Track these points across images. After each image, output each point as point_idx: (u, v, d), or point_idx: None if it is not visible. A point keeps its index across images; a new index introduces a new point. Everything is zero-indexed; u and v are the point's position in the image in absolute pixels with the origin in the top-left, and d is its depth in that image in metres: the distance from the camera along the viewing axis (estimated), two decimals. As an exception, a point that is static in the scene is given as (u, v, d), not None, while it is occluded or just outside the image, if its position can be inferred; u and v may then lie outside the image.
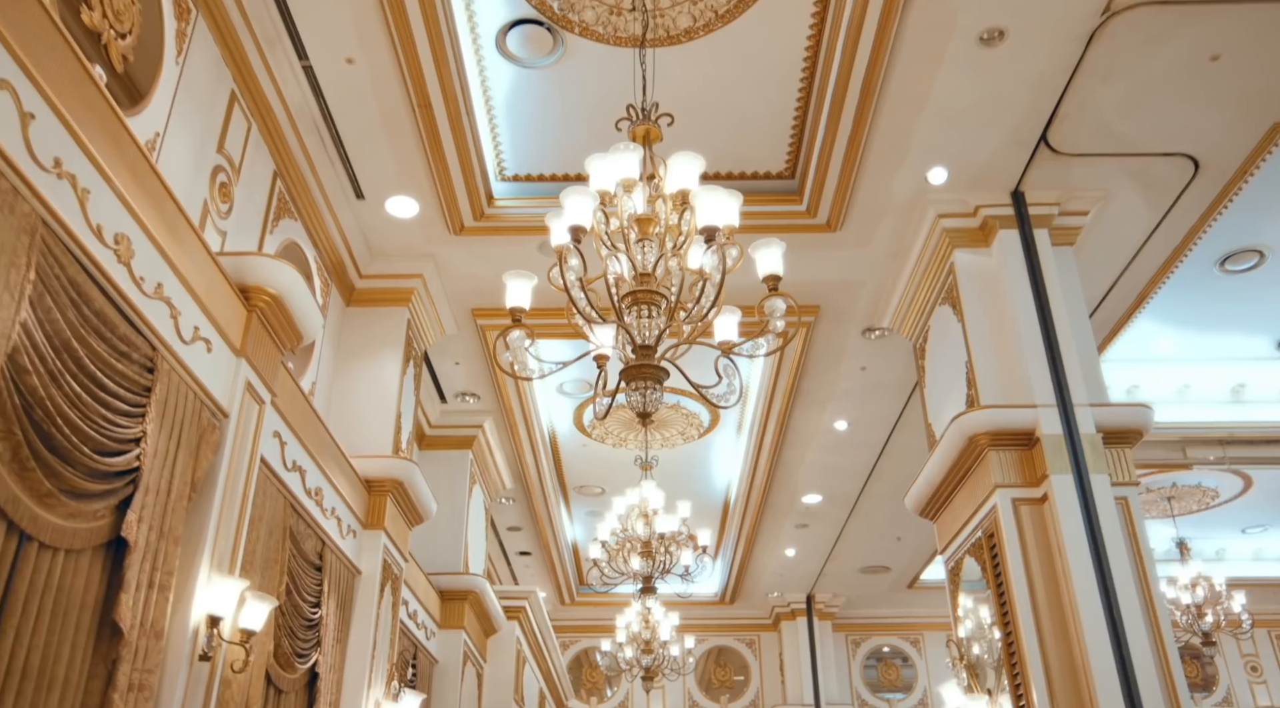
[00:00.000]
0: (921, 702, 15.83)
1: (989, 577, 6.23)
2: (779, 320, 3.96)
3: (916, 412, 9.74)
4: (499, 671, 10.17)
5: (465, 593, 9.09)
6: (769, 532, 12.90)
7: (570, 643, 16.29)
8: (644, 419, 3.98)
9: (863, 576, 14.71)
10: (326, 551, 5.93)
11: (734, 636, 16.34)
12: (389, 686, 6.53)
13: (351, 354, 7.27)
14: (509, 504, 12.12)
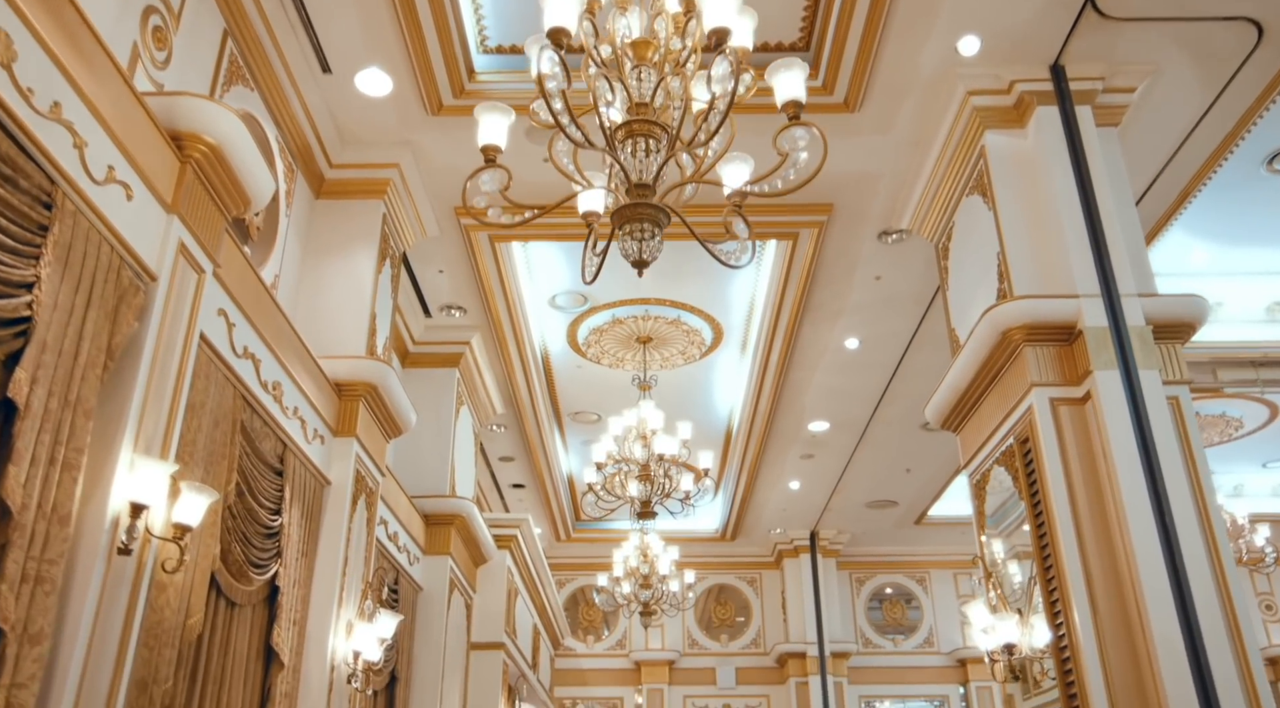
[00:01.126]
0: (927, 640, 15.41)
1: (1022, 487, 5.64)
2: (801, 152, 3.29)
3: (932, 328, 9.14)
4: (489, 602, 9.66)
5: (451, 517, 8.54)
6: (773, 463, 12.35)
7: (566, 581, 15.84)
8: (640, 269, 3.34)
9: (869, 511, 14.20)
10: (289, 454, 5.33)
11: (735, 573, 15.88)
12: (362, 605, 5.98)
13: (321, 251, 6.62)
14: (500, 432, 11.54)
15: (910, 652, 15.34)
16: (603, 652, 15.42)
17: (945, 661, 15.21)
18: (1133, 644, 4.91)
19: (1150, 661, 4.76)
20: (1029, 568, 5.92)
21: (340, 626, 5.71)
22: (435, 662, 8.08)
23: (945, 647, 15.30)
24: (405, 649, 7.76)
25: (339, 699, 5.66)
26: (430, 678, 8.01)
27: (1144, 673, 4.81)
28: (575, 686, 15.15)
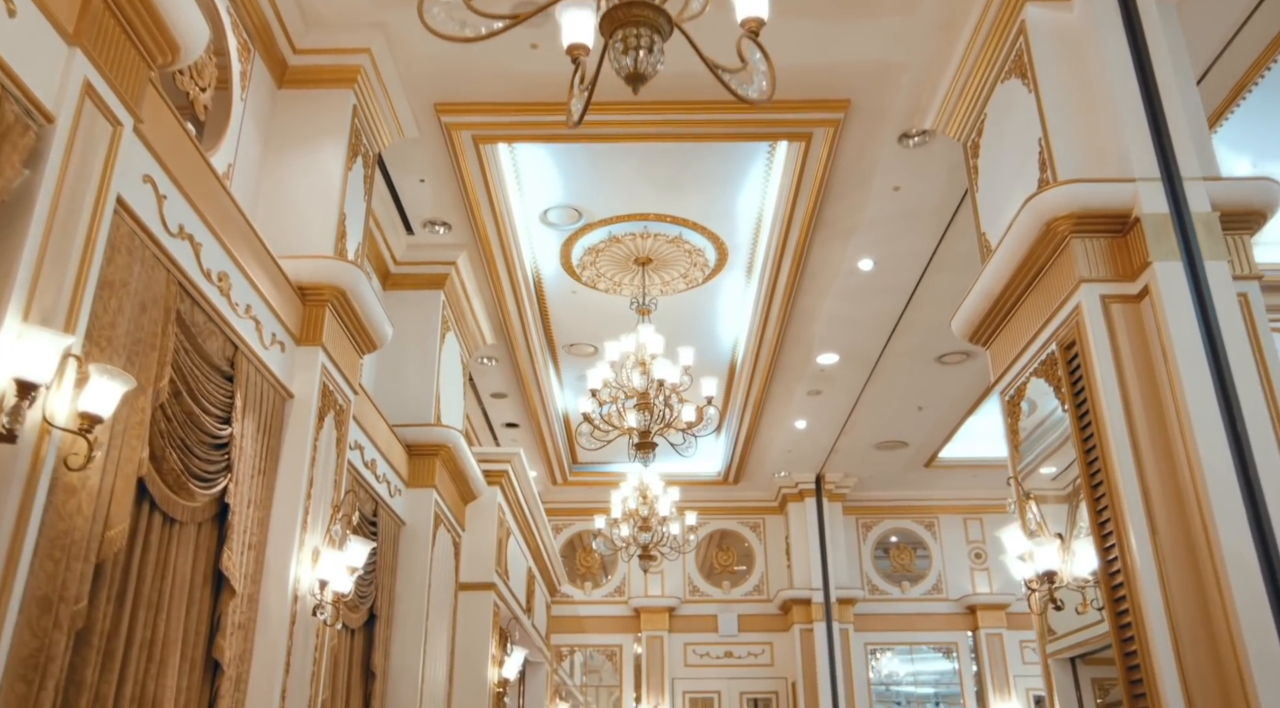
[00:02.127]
0: (936, 587, 14.93)
1: (1065, 396, 5.03)
2: None
3: (952, 248, 8.50)
4: (479, 540, 9.11)
5: (436, 448, 7.95)
6: (779, 400, 11.75)
7: (563, 526, 15.33)
8: (635, 85, 2.69)
9: (877, 452, 13.63)
10: (241, 358, 4.71)
11: (737, 519, 15.37)
12: (330, 531, 5.39)
13: (284, 145, 5.95)
14: (491, 365, 10.94)
15: (918, 599, 14.87)
16: (601, 599, 14.95)
17: (954, 608, 14.74)
18: (1197, 567, 4.32)
19: (1219, 584, 4.18)
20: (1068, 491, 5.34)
21: (304, 552, 5.13)
22: (419, 600, 7.54)
23: (954, 593, 14.82)
24: (386, 587, 7.21)
25: (304, 633, 5.10)
26: (413, 617, 7.48)
27: (1211, 599, 4.23)
28: (572, 633, 14.70)
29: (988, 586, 14.82)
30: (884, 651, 14.65)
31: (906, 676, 14.67)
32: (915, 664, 14.68)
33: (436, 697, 7.91)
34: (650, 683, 14.16)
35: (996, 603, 14.51)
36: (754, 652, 14.57)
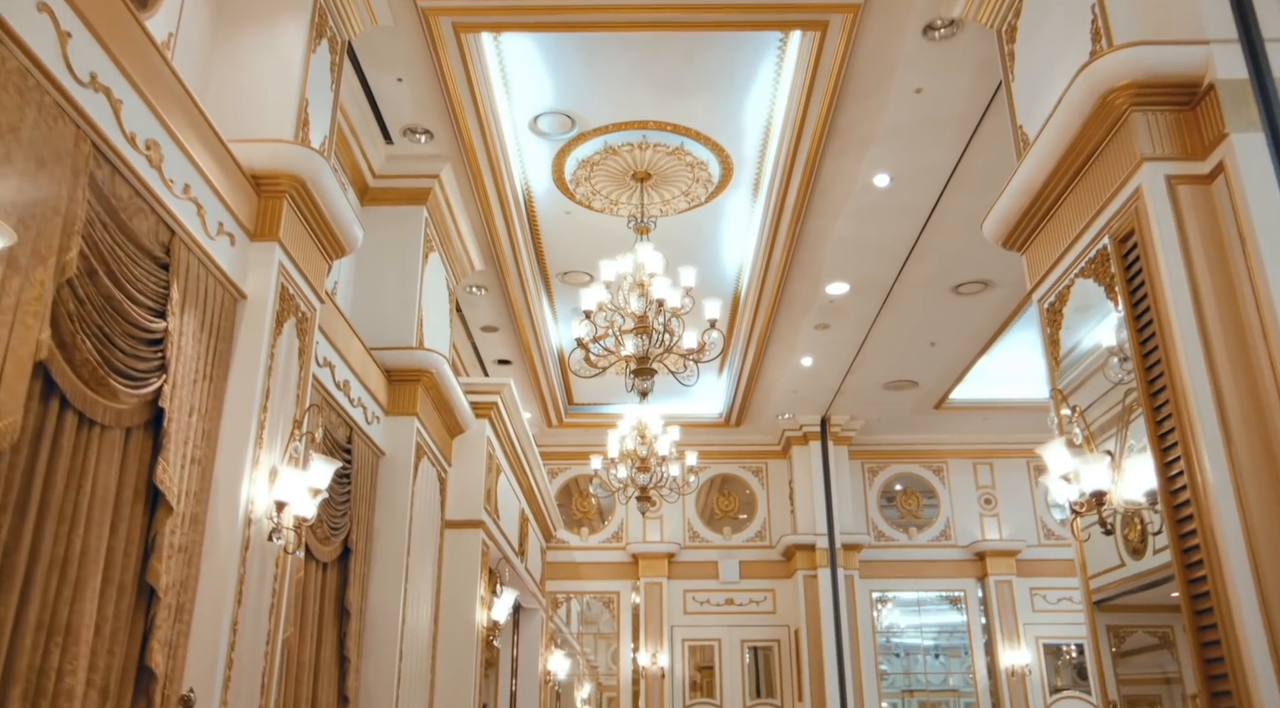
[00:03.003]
0: (944, 533, 14.44)
1: (1120, 295, 4.43)
2: None
3: (975, 164, 7.88)
4: (467, 476, 8.56)
5: (417, 373, 7.37)
6: (784, 335, 11.16)
7: (559, 471, 14.80)
8: None
9: (886, 393, 13.06)
10: (179, 244, 4.10)
11: (739, 463, 14.84)
12: (289, 448, 4.82)
13: (238, 22, 5.29)
14: (481, 296, 10.32)
15: (925, 545, 14.39)
16: (598, 545, 14.46)
17: (962, 554, 14.27)
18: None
19: (1308, 499, 3.61)
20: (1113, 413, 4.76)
21: (260, 471, 4.56)
22: (399, 536, 7.00)
23: (963, 540, 14.34)
24: (363, 520, 6.66)
25: (260, 560, 4.54)
26: (393, 554, 6.94)
27: (1296, 517, 3.67)
28: (568, 579, 14.24)
29: (997, 532, 14.34)
30: (890, 603, 14.19)
31: (909, 628, 14.22)
32: (922, 617, 14.22)
33: (420, 638, 7.40)
34: (648, 631, 13.73)
35: (1006, 549, 14.03)
36: (755, 599, 14.12)
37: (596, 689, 13.90)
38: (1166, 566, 4.24)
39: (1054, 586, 14.08)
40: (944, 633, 14.14)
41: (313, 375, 5.60)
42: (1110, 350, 4.76)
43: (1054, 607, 14.00)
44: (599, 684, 13.91)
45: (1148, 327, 4.24)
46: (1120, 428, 4.64)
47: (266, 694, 4.61)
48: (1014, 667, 13.48)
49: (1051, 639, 13.96)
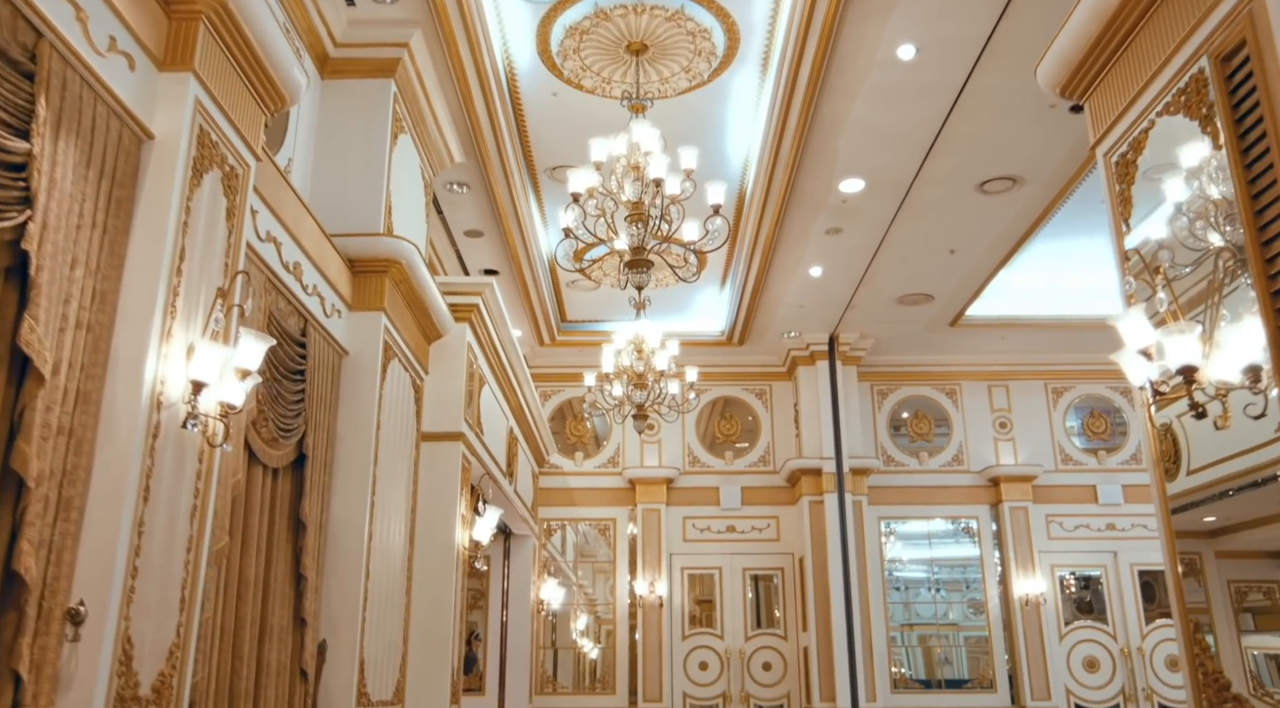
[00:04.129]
0: (956, 458, 13.75)
1: (1224, 127, 3.60)
2: None
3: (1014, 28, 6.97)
4: (445, 385, 7.79)
5: (384, 263, 6.55)
6: (793, 240, 10.32)
7: (552, 393, 14.06)
8: None
9: (899, 308, 12.26)
10: (47, 49, 3.26)
11: (741, 385, 14.09)
12: (209, 320, 4.02)
13: None
14: (463, 194, 9.46)
15: (937, 470, 13.70)
16: (593, 470, 13.77)
17: (976, 480, 13.59)
18: None
19: None
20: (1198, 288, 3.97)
21: (171, 346, 3.77)
22: (364, 443, 6.25)
23: (976, 465, 13.65)
24: (322, 424, 5.90)
25: (173, 452, 3.78)
26: (358, 463, 6.20)
27: None
28: (562, 506, 13.58)
29: (1013, 457, 13.65)
30: (893, 535, 13.54)
31: (912, 562, 13.56)
32: (924, 550, 13.56)
33: (392, 558, 6.70)
34: (646, 559, 13.10)
35: (1022, 475, 13.35)
36: (758, 526, 13.48)
37: (594, 622, 13.30)
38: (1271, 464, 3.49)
39: (1071, 513, 13.44)
40: (944, 567, 13.50)
41: (250, 247, 4.79)
42: (1196, 210, 3.94)
43: (1071, 534, 13.37)
44: (597, 618, 13.32)
45: (1260, 160, 3.42)
46: (1211, 300, 3.84)
47: (188, 611, 3.88)
48: (1028, 596, 12.87)
49: (1067, 568, 13.35)
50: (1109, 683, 12.82)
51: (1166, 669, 12.80)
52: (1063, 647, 12.97)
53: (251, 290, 4.78)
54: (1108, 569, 13.26)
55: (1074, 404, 14.01)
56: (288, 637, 5.48)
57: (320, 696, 5.74)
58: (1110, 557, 13.28)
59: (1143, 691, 12.70)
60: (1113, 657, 12.92)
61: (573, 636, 13.48)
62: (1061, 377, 14.02)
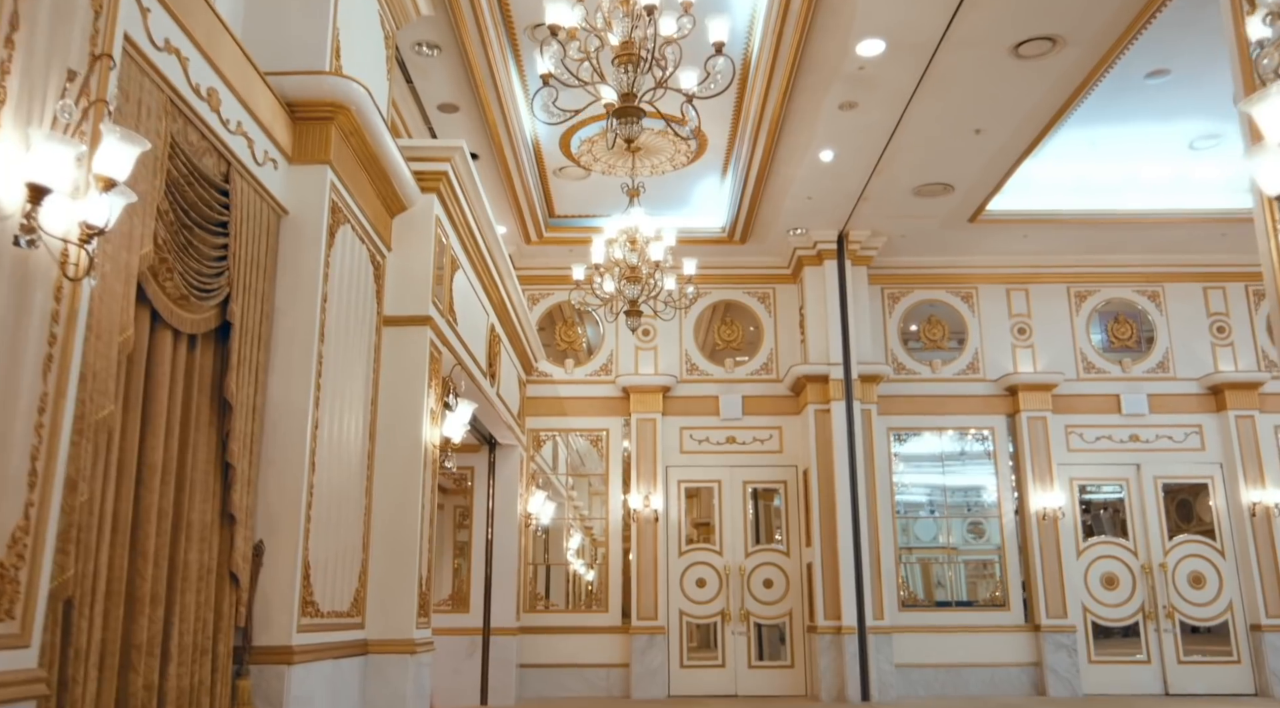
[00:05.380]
0: (971, 366, 12.90)
1: None
2: None
3: None
4: (410, 263, 6.88)
5: (329, 107, 5.58)
6: (802, 116, 9.32)
7: (541, 296, 13.16)
8: None
9: (916, 201, 11.29)
10: None
11: (744, 288, 13.17)
12: (57, 114, 3.08)
13: None
14: (433, 59, 8.43)
15: (951, 378, 12.86)
16: (585, 378, 12.93)
17: (992, 389, 12.76)
18: None
19: None
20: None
21: None
22: (307, 317, 5.36)
23: (992, 373, 12.81)
24: (254, 290, 5.00)
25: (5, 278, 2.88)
26: (300, 339, 5.31)
27: None
28: (552, 416, 12.76)
29: (1031, 365, 12.81)
30: (900, 460, 12.74)
31: (914, 486, 12.77)
32: (940, 474, 12.74)
33: (347, 452, 5.86)
34: (640, 471, 12.33)
35: (1041, 383, 12.52)
36: (760, 437, 12.68)
37: (590, 544, 12.58)
38: None
39: (1092, 423, 12.64)
40: (947, 491, 12.71)
41: (137, 48, 3.83)
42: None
43: (1091, 446, 12.59)
44: (592, 540, 12.59)
45: None
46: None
47: (43, 489, 3.03)
48: (1045, 510, 12.14)
49: (1087, 481, 12.60)
50: (1128, 600, 12.16)
51: (1189, 586, 12.13)
52: (1080, 563, 12.28)
53: (140, 106, 3.84)
54: (1130, 483, 12.51)
55: (1098, 309, 13.12)
56: (212, 535, 4.66)
57: (257, 604, 4.95)
58: (1133, 470, 12.52)
59: (1163, 608, 12.04)
60: (1133, 574, 12.24)
61: (565, 554, 12.78)
62: (1085, 280, 13.11)
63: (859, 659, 11.09)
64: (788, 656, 12.08)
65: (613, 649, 12.00)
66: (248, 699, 4.79)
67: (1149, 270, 13.03)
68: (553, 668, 11.91)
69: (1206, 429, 12.61)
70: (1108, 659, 12.04)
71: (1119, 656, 12.08)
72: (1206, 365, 12.76)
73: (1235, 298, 12.96)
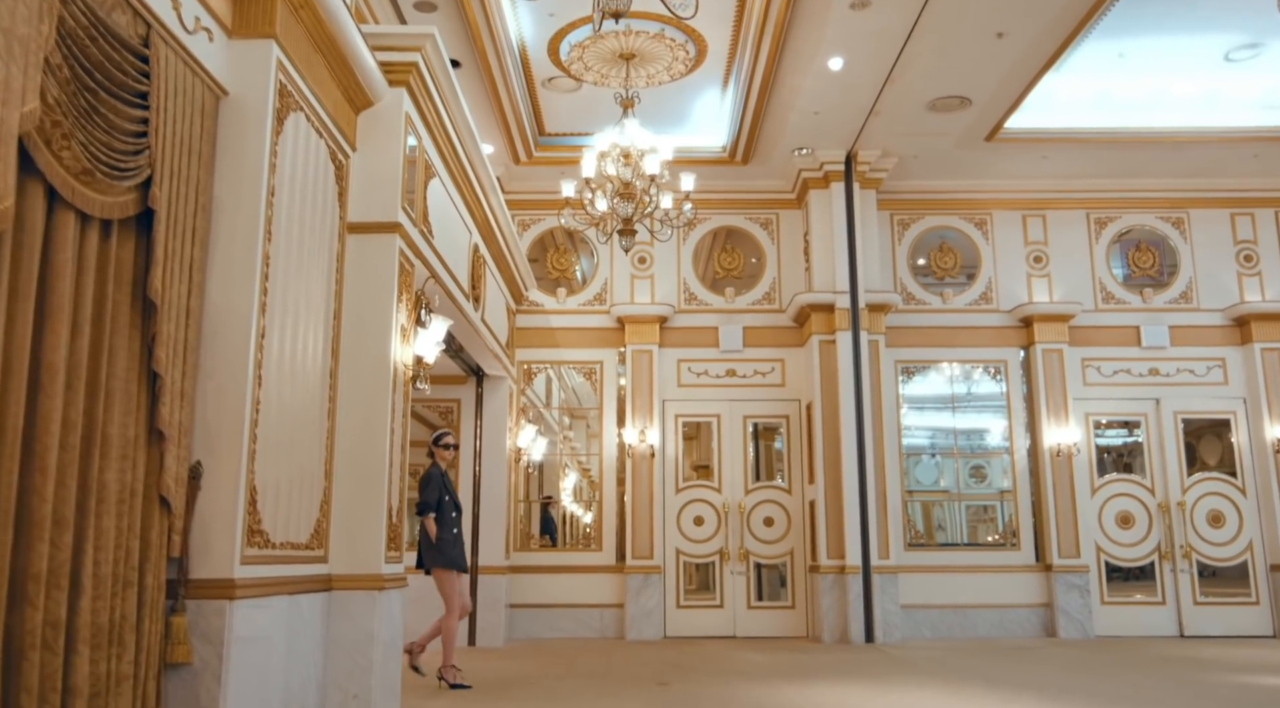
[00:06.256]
0: (984, 296, 12.28)
1: None
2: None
3: None
4: (377, 166, 6.21)
5: (273, -27, 4.88)
6: (810, 18, 8.58)
7: (531, 221, 12.50)
8: None
9: (930, 116, 10.58)
10: None
11: (745, 213, 12.50)
12: None
13: None
14: (407, -53, 7.68)
15: (962, 309, 12.25)
16: (577, 307, 12.31)
17: (1005, 320, 12.15)
18: None
19: None
20: None
21: None
22: (250, 212, 4.72)
23: (1006, 304, 12.20)
24: (185, 176, 4.36)
25: None
26: (242, 235, 4.68)
27: None
28: (543, 347, 12.16)
29: (1047, 295, 12.18)
30: (920, 371, 12.16)
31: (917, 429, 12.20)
32: (958, 419, 12.14)
33: (304, 368, 5.27)
34: (636, 405, 11.77)
35: (1058, 314, 11.91)
36: (761, 370, 12.09)
37: (589, 486, 12.05)
38: None
39: (1110, 356, 12.06)
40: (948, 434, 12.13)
41: None
42: None
43: (1109, 380, 12.02)
44: (589, 481, 12.06)
45: None
46: None
47: None
48: (1059, 446, 11.60)
49: (1103, 416, 12.04)
50: (1144, 540, 11.67)
51: (1208, 525, 11.63)
52: (1094, 502, 11.77)
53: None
54: (1148, 418, 11.95)
55: (1119, 236, 12.46)
56: (137, 453, 4.07)
57: (194, 532, 4.38)
58: (1152, 405, 11.96)
59: (1180, 548, 11.55)
60: (1149, 512, 11.73)
61: (560, 492, 12.27)
62: (1106, 205, 12.43)
63: (863, 600, 10.63)
64: (788, 596, 11.62)
65: (607, 589, 11.54)
66: (183, 638, 4.25)
67: (1174, 195, 12.34)
68: (544, 608, 11.47)
69: (1230, 363, 12.02)
70: (1121, 601, 11.59)
71: (1133, 597, 11.62)
72: (1232, 296, 12.13)
73: (1264, 224, 12.29)
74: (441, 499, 7.53)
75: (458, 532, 7.57)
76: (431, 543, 7.46)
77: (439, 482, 7.58)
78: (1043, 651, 9.94)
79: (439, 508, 7.51)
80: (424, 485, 7.60)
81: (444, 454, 7.75)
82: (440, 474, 7.64)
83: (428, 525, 7.48)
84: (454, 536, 7.51)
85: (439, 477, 7.61)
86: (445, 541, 7.46)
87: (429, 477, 7.62)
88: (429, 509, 7.50)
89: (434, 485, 7.55)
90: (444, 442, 7.78)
